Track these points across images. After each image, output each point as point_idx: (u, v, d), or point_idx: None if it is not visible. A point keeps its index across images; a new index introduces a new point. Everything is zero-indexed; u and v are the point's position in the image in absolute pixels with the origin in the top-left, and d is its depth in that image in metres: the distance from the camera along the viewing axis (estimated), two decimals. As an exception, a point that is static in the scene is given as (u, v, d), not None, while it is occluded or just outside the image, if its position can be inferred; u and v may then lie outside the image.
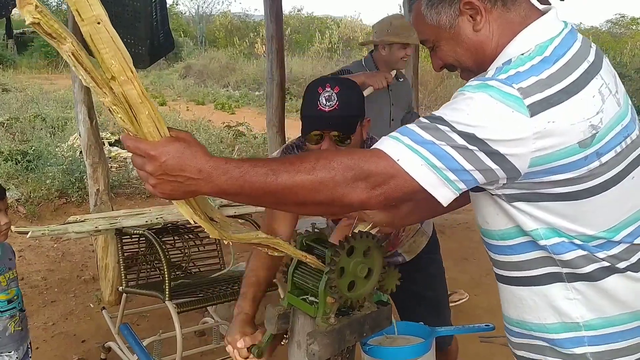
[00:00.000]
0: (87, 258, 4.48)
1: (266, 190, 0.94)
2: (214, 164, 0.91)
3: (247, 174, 0.92)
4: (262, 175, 0.93)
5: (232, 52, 20.13)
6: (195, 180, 0.90)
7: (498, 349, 3.25)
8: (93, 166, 3.54)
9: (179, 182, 0.90)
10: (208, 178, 0.91)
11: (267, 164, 0.94)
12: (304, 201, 0.97)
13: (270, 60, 4.28)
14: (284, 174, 0.94)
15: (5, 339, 1.94)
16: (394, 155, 0.99)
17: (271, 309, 1.58)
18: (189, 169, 0.90)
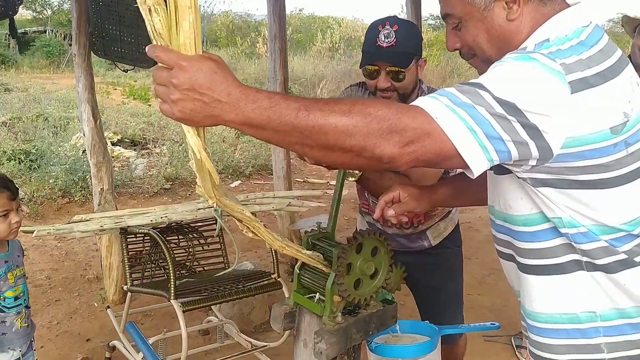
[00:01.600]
0: (91, 257, 4.49)
1: (295, 125, 0.88)
2: (244, 90, 0.86)
3: (277, 106, 0.86)
4: (294, 110, 0.87)
5: (233, 51, 20.12)
6: (221, 104, 0.85)
7: (502, 348, 3.26)
8: (97, 165, 3.55)
9: (204, 101, 0.85)
10: (235, 103, 0.86)
11: (300, 100, 0.89)
12: (332, 144, 0.90)
13: (273, 59, 4.27)
14: (317, 111, 0.88)
15: (12, 335, 1.97)
16: (432, 112, 0.94)
17: (277, 308, 1.59)
18: (218, 90, 0.85)
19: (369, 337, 1.57)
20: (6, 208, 1.92)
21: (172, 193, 6.29)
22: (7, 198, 1.92)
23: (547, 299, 1.18)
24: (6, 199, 1.92)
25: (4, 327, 1.96)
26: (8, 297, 1.96)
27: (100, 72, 17.46)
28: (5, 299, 1.96)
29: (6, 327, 1.96)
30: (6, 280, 1.96)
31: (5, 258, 1.98)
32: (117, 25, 3.35)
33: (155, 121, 9.11)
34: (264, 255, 4.44)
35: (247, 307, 3.38)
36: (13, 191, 1.95)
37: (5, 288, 1.96)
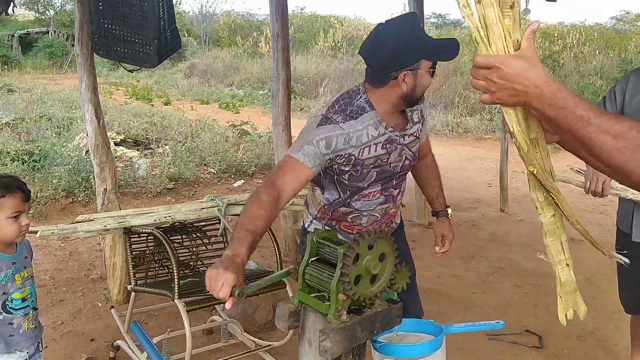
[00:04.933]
0: (95, 257, 4.50)
1: (573, 131, 1.02)
2: (549, 86, 1.01)
3: (567, 109, 1.00)
4: (577, 117, 1.00)
5: (235, 51, 20.14)
6: (528, 95, 1.03)
7: (506, 346, 3.25)
8: (100, 165, 3.55)
9: (516, 92, 1.03)
10: (539, 96, 1.02)
11: (588, 110, 0.99)
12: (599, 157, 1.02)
13: (275, 58, 4.27)
14: (595, 126, 0.98)
15: (19, 337, 1.97)
16: None
17: (282, 307, 1.59)
18: (527, 83, 1.02)
19: (374, 336, 1.57)
20: (18, 210, 1.91)
21: (176, 193, 6.30)
22: (20, 199, 1.92)
23: None
24: (19, 200, 1.91)
25: (11, 328, 1.95)
26: (16, 299, 1.96)
27: (103, 73, 17.50)
28: (13, 300, 1.95)
29: (13, 328, 1.96)
30: (14, 281, 1.96)
31: (13, 259, 1.97)
32: (120, 25, 3.35)
33: (158, 121, 9.12)
34: (268, 255, 4.44)
35: (250, 307, 3.38)
36: (26, 193, 1.95)
37: (12, 290, 1.95)
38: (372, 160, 1.97)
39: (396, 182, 2.11)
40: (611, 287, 2.81)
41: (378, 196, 2.08)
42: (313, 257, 1.57)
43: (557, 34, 15.97)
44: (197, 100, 14.22)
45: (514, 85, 1.03)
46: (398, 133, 2.01)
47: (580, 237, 4.60)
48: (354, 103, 1.95)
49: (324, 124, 1.90)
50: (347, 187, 2.02)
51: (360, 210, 2.09)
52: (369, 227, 2.12)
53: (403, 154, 2.05)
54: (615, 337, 3.33)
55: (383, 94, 1.93)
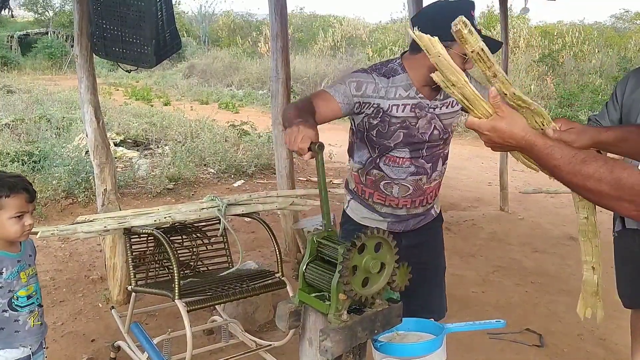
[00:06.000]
0: (95, 258, 4.50)
1: (553, 173, 1.23)
2: (531, 139, 1.22)
3: (546, 158, 1.21)
4: (553, 167, 1.21)
5: (235, 51, 20.15)
6: (515, 147, 1.26)
7: (507, 345, 3.25)
8: (100, 166, 3.54)
9: (509, 146, 1.26)
10: (527, 147, 1.23)
11: (564, 159, 1.19)
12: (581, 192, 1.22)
13: (275, 58, 4.27)
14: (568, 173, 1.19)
15: (25, 333, 1.99)
16: None
17: (282, 307, 1.59)
18: (515, 140, 1.23)
19: (374, 336, 1.57)
20: (22, 210, 1.91)
21: (175, 193, 6.30)
22: (25, 200, 1.92)
23: None
24: (24, 200, 1.92)
25: (17, 325, 1.97)
26: (21, 296, 1.98)
27: (102, 73, 17.52)
28: (19, 297, 1.97)
29: (19, 325, 1.98)
30: (19, 279, 1.97)
31: (18, 257, 1.99)
32: (118, 26, 3.35)
33: (158, 121, 9.13)
34: (268, 255, 4.44)
35: (251, 307, 3.38)
36: (31, 194, 1.95)
37: (18, 287, 1.97)
38: (400, 120, 2.03)
39: (427, 153, 2.11)
40: (611, 286, 2.80)
41: (408, 164, 2.10)
42: (313, 257, 1.57)
43: (557, 33, 15.97)
44: (197, 100, 14.23)
45: (505, 142, 1.25)
46: (429, 101, 2.05)
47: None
48: (388, 65, 2.07)
49: (360, 72, 2.05)
50: (376, 145, 2.09)
51: (391, 177, 2.11)
52: (401, 199, 2.13)
53: (433, 122, 2.08)
54: (615, 336, 3.33)
55: (417, 61, 2.01)
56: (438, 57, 1.22)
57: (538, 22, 19.86)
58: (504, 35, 6.10)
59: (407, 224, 2.21)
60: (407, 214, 2.18)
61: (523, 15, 16.30)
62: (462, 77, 1.22)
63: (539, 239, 5.17)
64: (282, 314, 1.58)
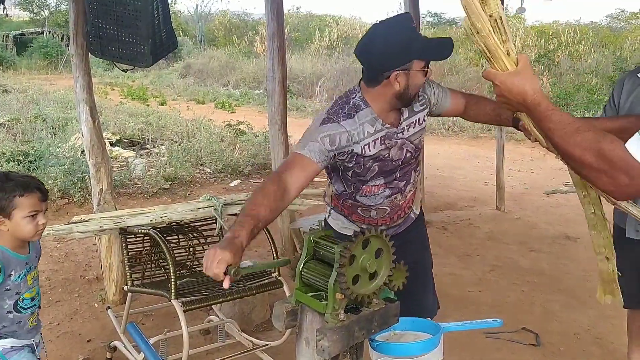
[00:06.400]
0: (91, 258, 4.48)
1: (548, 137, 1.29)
2: (535, 98, 1.26)
3: (544, 120, 1.26)
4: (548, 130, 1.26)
5: (231, 50, 20.12)
6: (520, 105, 1.30)
7: (503, 344, 3.25)
8: (96, 166, 3.53)
9: (513, 102, 1.31)
10: (530, 106, 1.28)
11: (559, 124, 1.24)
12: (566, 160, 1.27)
13: (271, 58, 4.26)
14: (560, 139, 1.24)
15: (22, 332, 2.01)
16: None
17: (279, 306, 1.58)
18: (516, 98, 1.29)
19: (371, 335, 1.57)
20: (36, 209, 1.92)
21: (172, 193, 6.28)
22: (38, 199, 1.93)
23: None
24: (37, 199, 1.93)
25: (18, 326, 1.99)
26: (26, 299, 1.99)
27: (98, 73, 17.45)
28: (24, 300, 1.99)
29: (19, 326, 2.00)
30: (25, 282, 1.99)
31: (26, 260, 2.00)
32: (114, 25, 3.33)
33: (154, 121, 9.10)
34: (265, 255, 4.44)
35: (248, 306, 3.38)
36: (44, 193, 1.97)
37: (24, 290, 1.98)
38: (373, 156, 2.02)
39: (400, 174, 2.12)
40: (608, 284, 2.81)
41: (383, 189, 2.10)
42: (310, 257, 1.57)
43: (552, 33, 16.00)
44: (193, 100, 14.20)
45: (514, 98, 1.29)
46: (396, 128, 2.03)
47: (576, 236, 4.64)
48: (350, 102, 2.00)
49: (327, 123, 1.96)
50: (351, 182, 2.09)
51: (367, 205, 2.13)
52: (379, 219, 2.15)
53: (404, 147, 2.07)
54: (611, 335, 3.34)
55: (377, 92, 1.97)
56: (469, 1, 1.26)
57: (534, 22, 19.92)
58: (500, 35, 6.10)
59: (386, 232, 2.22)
60: (386, 228, 2.19)
61: (519, 15, 16.33)
62: (487, 25, 1.26)
63: (535, 238, 5.18)
64: (278, 314, 1.58)
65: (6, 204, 1.88)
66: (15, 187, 1.89)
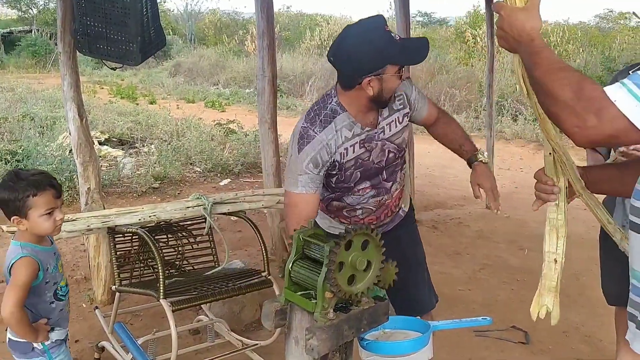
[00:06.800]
0: (79, 258, 4.44)
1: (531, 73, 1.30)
2: (530, 36, 1.31)
3: (533, 54, 1.29)
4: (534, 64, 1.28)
5: (221, 49, 20.05)
6: (517, 42, 1.33)
7: (492, 343, 3.26)
8: (84, 165, 3.50)
9: (510, 38, 1.34)
10: (525, 41, 1.31)
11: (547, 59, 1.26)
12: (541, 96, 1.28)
13: (261, 56, 4.24)
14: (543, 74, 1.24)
15: (64, 320, 2.07)
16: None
17: (268, 306, 1.57)
18: (514, 32, 1.32)
19: (361, 334, 1.56)
20: (52, 206, 1.93)
21: (161, 192, 6.24)
22: (53, 196, 1.94)
23: None
24: (51, 197, 1.93)
25: (60, 314, 2.04)
26: (63, 287, 2.03)
27: (87, 71, 17.33)
28: (62, 288, 2.03)
29: (62, 313, 2.04)
30: (58, 270, 2.02)
31: (53, 250, 2.03)
32: (102, 23, 3.30)
33: (143, 120, 9.05)
34: (254, 254, 4.42)
35: (237, 306, 3.36)
36: (57, 189, 1.97)
37: (59, 278, 2.02)
38: (352, 162, 2.00)
39: (387, 175, 2.11)
40: (597, 283, 2.82)
41: (369, 191, 2.09)
42: (299, 255, 1.56)
43: (542, 32, 16.08)
44: (183, 99, 14.13)
45: (507, 32, 1.33)
46: (375, 129, 2.02)
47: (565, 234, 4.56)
48: (327, 107, 1.97)
49: (304, 145, 1.93)
50: (336, 189, 2.08)
51: (352, 205, 2.12)
52: (366, 218, 2.14)
53: (385, 148, 2.05)
54: (600, 333, 3.36)
55: (352, 96, 1.95)
56: None
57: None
58: (490, 34, 6.13)
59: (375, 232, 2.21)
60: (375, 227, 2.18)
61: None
62: None
63: (525, 236, 5.20)
64: (267, 313, 1.57)
65: (21, 205, 1.88)
66: (28, 187, 1.88)
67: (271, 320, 1.56)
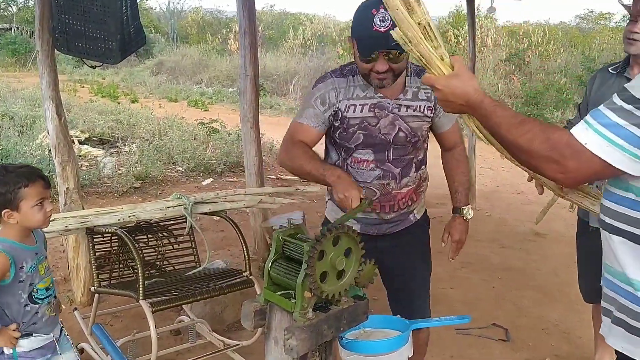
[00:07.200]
0: (58, 259, 4.39)
1: (494, 132, 1.31)
2: (476, 98, 1.30)
3: (489, 115, 1.29)
4: (494, 125, 1.29)
5: (204, 48, 19.95)
6: (462, 106, 1.33)
7: (474, 340, 3.28)
8: (62, 164, 3.45)
9: (454, 105, 1.34)
10: (471, 106, 1.31)
11: (504, 117, 1.27)
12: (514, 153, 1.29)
13: (243, 55, 4.22)
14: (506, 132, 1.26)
15: (41, 324, 2.01)
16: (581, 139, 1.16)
17: (248, 306, 1.57)
18: (459, 100, 1.32)
19: (340, 333, 1.56)
20: (42, 196, 1.93)
21: (143, 192, 6.19)
22: (42, 187, 1.94)
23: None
24: (41, 187, 1.94)
25: (36, 317, 1.99)
26: (40, 289, 1.99)
27: (68, 70, 17.16)
28: (38, 290, 1.99)
29: (38, 317, 1.99)
30: (37, 272, 1.98)
31: (35, 250, 2.00)
32: (81, 21, 3.26)
33: (125, 119, 8.96)
34: (237, 254, 4.40)
35: (219, 306, 3.34)
36: (46, 180, 1.98)
37: (37, 280, 1.98)
38: (357, 121, 2.02)
39: (394, 157, 2.07)
40: (575, 280, 2.86)
41: (373, 167, 2.07)
42: (279, 255, 1.55)
43: (523, 33, 16.24)
44: (165, 97, 14.04)
45: (457, 100, 1.32)
46: (390, 101, 2.02)
47: (545, 232, 4.69)
48: (349, 66, 2.07)
49: (319, 83, 2.06)
50: (340, 146, 2.09)
51: (357, 181, 2.07)
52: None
53: (397, 124, 2.03)
54: (579, 329, 3.40)
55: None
56: (396, 10, 1.27)
57: (505, 22, 20.19)
58: (471, 34, 6.17)
59: (380, 227, 2.18)
60: (378, 218, 2.14)
61: (490, 15, 16.54)
62: (418, 33, 1.28)
63: (506, 235, 5.25)
64: (247, 313, 1.56)
65: (12, 197, 1.88)
66: (18, 178, 1.89)
67: (250, 321, 1.55)
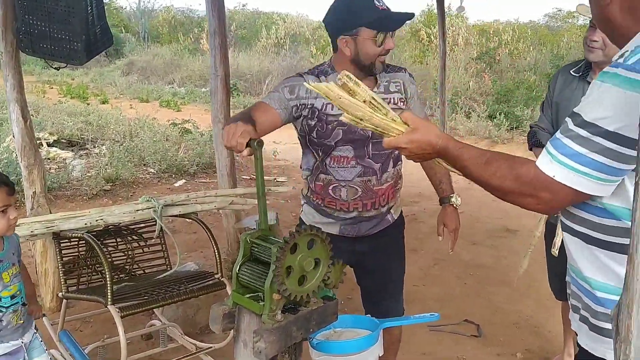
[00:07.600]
0: (27, 264, 4.23)
1: (465, 173, 1.32)
2: (440, 146, 1.32)
3: (456, 159, 1.31)
4: (463, 167, 1.31)
5: (176, 48, 19.73)
6: (432, 154, 1.35)
7: (446, 337, 3.31)
8: (28, 168, 3.38)
9: (423, 155, 1.36)
10: (441, 152, 1.33)
11: (471, 159, 1.29)
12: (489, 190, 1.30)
13: (213, 55, 4.19)
14: (476, 174, 1.28)
15: (6, 331, 1.98)
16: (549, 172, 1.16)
17: (216, 309, 1.55)
18: (426, 149, 1.34)
19: (309, 334, 1.56)
20: (5, 204, 1.91)
21: (113, 194, 6.10)
22: (6, 193, 1.91)
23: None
24: (5, 194, 1.91)
25: (0, 325, 1.96)
26: (4, 297, 1.96)
27: (37, 70, 16.81)
28: (2, 298, 1.95)
29: (2, 325, 1.96)
30: (1, 279, 1.95)
31: (0, 257, 1.96)
32: (45, 21, 3.20)
33: (94, 120, 8.82)
34: (210, 255, 4.36)
35: (191, 309, 3.31)
36: (10, 186, 1.94)
37: (1, 288, 1.95)
38: (336, 118, 2.03)
39: (374, 152, 2.08)
40: (545, 275, 2.90)
41: (354, 164, 2.08)
42: (247, 258, 1.54)
43: (493, 31, 16.45)
44: (137, 98, 13.85)
45: (424, 151, 1.35)
46: None
47: (516, 228, 4.75)
48: (321, 67, 2.11)
49: (291, 77, 2.10)
50: (318, 147, 2.09)
51: (338, 180, 2.10)
52: (351, 202, 2.12)
53: None
54: (549, 324, 3.45)
55: (339, 58, 2.05)
56: (339, 99, 1.29)
57: (476, 21, 20.39)
58: (442, 33, 6.23)
59: (359, 227, 2.18)
60: (358, 216, 2.15)
61: (460, 14, 16.72)
62: (366, 110, 1.31)
63: (477, 231, 5.31)
64: (215, 316, 1.55)
65: None
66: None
67: (219, 324, 1.54)
